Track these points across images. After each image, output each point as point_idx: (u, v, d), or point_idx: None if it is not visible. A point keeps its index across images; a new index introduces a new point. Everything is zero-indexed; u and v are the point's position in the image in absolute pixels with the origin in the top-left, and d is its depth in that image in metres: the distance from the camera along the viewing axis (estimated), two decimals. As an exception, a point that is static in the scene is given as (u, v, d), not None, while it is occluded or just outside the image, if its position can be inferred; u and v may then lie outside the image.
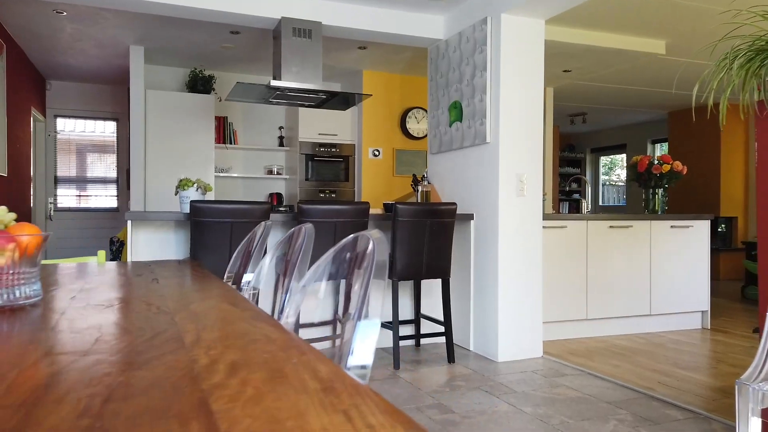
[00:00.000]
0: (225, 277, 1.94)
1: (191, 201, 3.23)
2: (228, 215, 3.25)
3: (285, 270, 1.33)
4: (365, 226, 3.58)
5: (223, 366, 0.69)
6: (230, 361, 0.71)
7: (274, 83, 4.01)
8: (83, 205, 7.42)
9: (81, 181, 7.40)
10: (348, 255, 0.97)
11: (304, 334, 3.56)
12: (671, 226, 4.76)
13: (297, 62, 4.12)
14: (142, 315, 1.05)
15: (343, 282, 1.03)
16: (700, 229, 4.87)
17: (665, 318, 4.77)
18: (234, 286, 1.88)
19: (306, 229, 1.32)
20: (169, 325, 0.94)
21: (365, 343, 0.82)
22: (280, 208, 4.26)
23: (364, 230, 0.98)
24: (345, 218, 3.50)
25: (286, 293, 1.21)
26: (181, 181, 3.67)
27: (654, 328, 4.73)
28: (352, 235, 0.97)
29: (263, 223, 1.80)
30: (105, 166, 7.54)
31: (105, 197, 7.53)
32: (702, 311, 4.90)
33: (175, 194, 3.72)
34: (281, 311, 1.13)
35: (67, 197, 7.33)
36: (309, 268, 1.12)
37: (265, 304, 2.04)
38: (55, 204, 7.18)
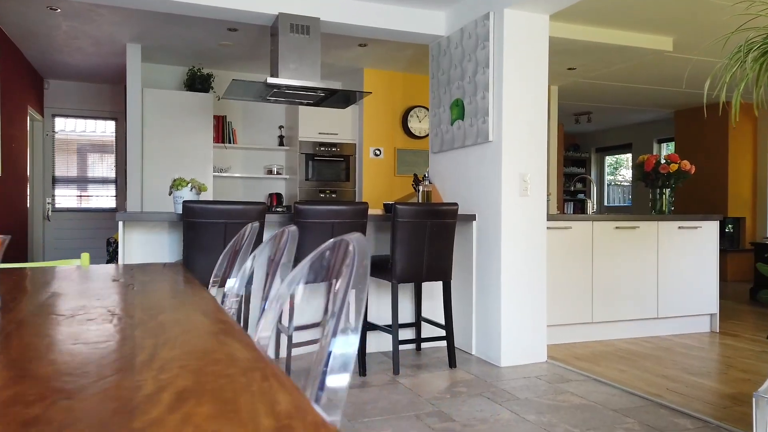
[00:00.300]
0: (211, 281, 1.84)
1: (184, 201, 3.14)
2: (222, 216, 3.15)
3: (267, 276, 1.24)
4: (364, 227, 3.48)
5: (169, 395, 0.58)
6: (180, 388, 0.61)
7: (271, 80, 3.91)
8: (82, 205, 7.34)
9: (79, 181, 7.32)
10: (326, 261, 0.87)
11: (298, 337, 3.46)
12: (679, 227, 4.64)
13: (295, 59, 4.02)
14: (102, 327, 0.95)
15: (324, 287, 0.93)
16: (709, 230, 4.75)
17: (673, 321, 4.65)
18: (221, 289, 1.79)
19: (289, 232, 1.22)
20: (126, 340, 0.84)
21: (341, 362, 0.71)
22: (278, 209, 4.16)
23: (349, 234, 0.87)
24: (343, 219, 3.40)
25: (266, 301, 1.11)
26: (174, 180, 3.57)
27: (661, 331, 4.62)
28: (331, 240, 0.87)
29: (250, 224, 1.70)
30: (104, 166, 7.47)
31: (104, 197, 7.45)
32: (710, 314, 4.78)
33: (169, 194, 3.63)
34: (258, 321, 1.03)
35: (65, 197, 7.25)
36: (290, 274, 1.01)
37: (256, 310, 1.94)
38: (53, 204, 7.10)
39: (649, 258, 4.52)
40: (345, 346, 0.73)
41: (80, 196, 7.33)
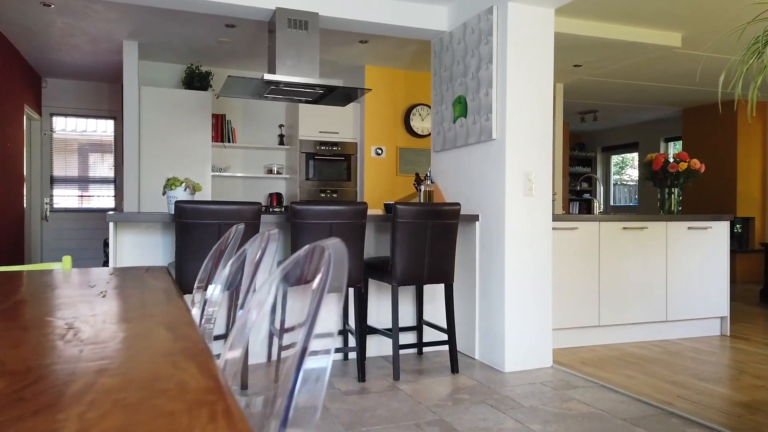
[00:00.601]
0: (195, 285, 1.73)
1: (176, 201, 3.03)
2: (215, 216, 3.04)
3: (248, 282, 1.13)
4: (363, 228, 3.36)
5: (88, 443, 0.47)
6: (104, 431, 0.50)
7: (268, 77, 3.80)
8: (80, 205, 7.25)
9: (78, 181, 7.23)
10: (300, 269, 0.76)
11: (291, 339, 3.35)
12: (688, 228, 4.51)
13: (292, 55, 3.91)
14: (50, 345, 0.84)
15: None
16: (719, 231, 4.61)
17: (682, 324, 4.52)
18: (204, 293, 1.68)
19: (269, 236, 1.11)
20: (68, 363, 0.73)
21: (310, 392, 0.60)
22: (275, 209, 4.06)
23: (326, 239, 0.76)
24: (341, 220, 3.29)
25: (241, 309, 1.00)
26: (168, 180, 3.47)
27: (670, 335, 4.49)
28: (306, 246, 0.76)
29: (235, 226, 1.59)
30: (103, 165, 7.38)
31: (104, 197, 7.36)
32: (721, 317, 4.64)
33: (163, 194, 3.53)
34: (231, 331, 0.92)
35: (63, 197, 7.16)
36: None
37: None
38: (51, 204, 7.01)
39: (657, 259, 4.40)
40: (317, 362, 0.62)
41: (80, 196, 7.24)
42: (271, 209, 4.05)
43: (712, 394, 3.15)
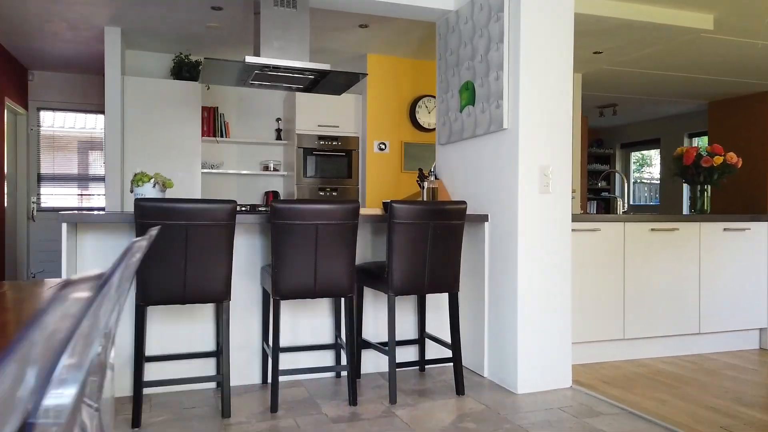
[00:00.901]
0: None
1: (135, 199, 2.63)
2: (182, 217, 2.63)
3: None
4: (354, 229, 2.94)
5: None
6: None
7: (250, 60, 3.39)
8: (73, 204, 6.89)
9: (67, 179, 6.87)
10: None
11: (290, 361, 2.92)
12: (724, 229, 4.03)
13: (279, 36, 3.49)
14: None
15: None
16: (758, 232, 4.13)
17: (717, 337, 4.04)
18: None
19: (135, 248, 0.70)
20: None
21: None
22: (260, 209, 3.64)
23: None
24: (329, 220, 2.86)
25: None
26: (135, 176, 3.08)
27: (704, 349, 4.01)
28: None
29: (132, 241, 1.18)
30: (94, 162, 7.01)
31: (95, 196, 7.00)
32: (760, 329, 4.16)
33: (131, 191, 3.13)
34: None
35: (51, 196, 6.80)
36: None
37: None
38: (38, 203, 6.66)
39: (689, 264, 3.92)
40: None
41: (77, 194, 6.88)
42: (256, 209, 3.63)
43: (759, 425, 2.69)
